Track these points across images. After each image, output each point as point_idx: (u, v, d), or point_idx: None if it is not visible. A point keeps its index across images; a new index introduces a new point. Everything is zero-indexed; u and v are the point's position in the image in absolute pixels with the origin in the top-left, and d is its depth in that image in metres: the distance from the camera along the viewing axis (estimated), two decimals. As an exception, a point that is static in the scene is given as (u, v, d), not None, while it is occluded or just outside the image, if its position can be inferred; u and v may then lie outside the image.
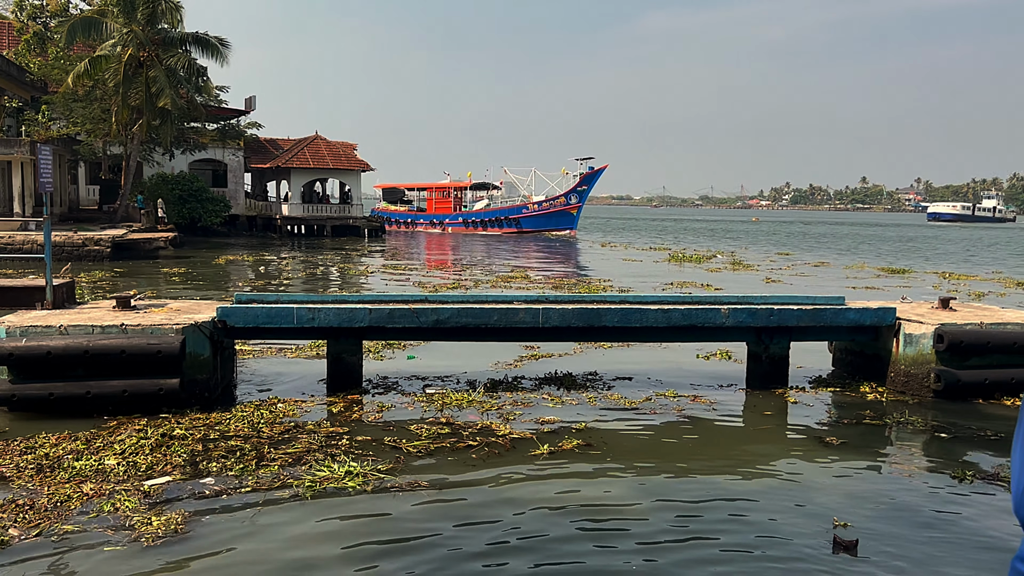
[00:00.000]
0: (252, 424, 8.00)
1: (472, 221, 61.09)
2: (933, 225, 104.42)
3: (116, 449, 7.10)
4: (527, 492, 6.52)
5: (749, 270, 29.65)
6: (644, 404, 9.30)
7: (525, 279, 23.94)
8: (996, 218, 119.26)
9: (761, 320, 9.89)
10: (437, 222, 62.31)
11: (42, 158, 10.24)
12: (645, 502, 6.38)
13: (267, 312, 9.16)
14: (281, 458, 7.06)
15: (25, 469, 6.61)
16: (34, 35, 41.80)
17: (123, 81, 35.21)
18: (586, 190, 57.01)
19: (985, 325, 9.72)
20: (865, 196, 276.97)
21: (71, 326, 8.27)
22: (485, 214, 61.06)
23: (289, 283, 23.16)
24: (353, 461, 6.94)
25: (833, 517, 6.08)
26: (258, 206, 51.58)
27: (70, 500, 6.01)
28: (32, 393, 8.07)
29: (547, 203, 58.10)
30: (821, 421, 8.93)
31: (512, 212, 59.91)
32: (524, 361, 11.54)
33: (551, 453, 7.38)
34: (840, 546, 5.53)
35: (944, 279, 27.20)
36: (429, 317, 9.32)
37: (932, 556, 5.54)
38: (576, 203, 56.78)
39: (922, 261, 37.20)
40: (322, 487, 6.41)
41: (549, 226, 57.48)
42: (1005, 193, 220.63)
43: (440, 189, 64.62)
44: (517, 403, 9.16)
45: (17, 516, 5.73)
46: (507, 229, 58.58)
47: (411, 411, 8.77)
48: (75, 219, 36.23)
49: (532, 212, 58.51)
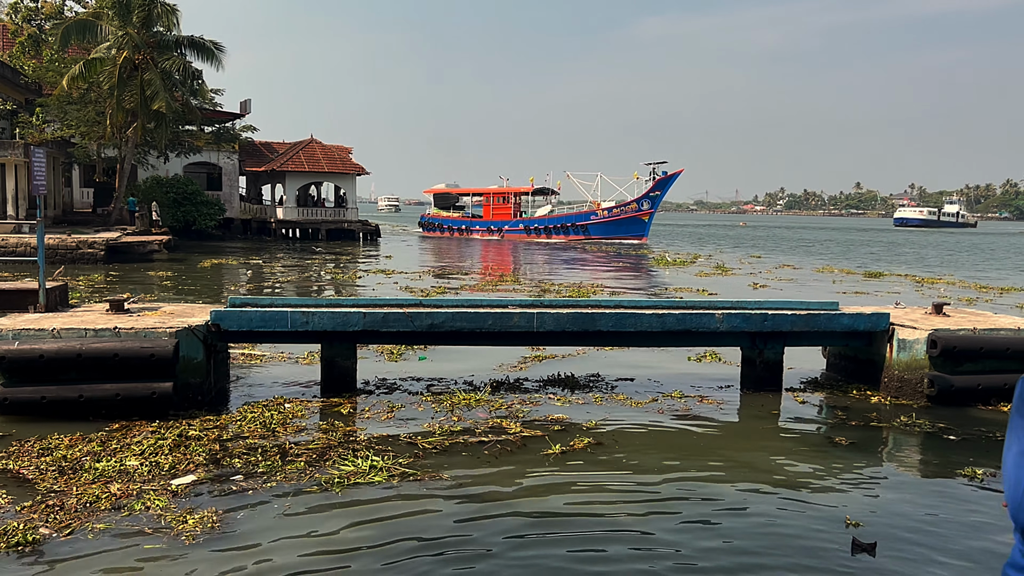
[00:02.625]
0: (265, 424, 8.08)
1: (535, 228, 57.71)
2: (900, 230, 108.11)
3: (135, 450, 7.13)
4: (546, 487, 6.69)
5: (727, 274, 30.27)
6: (651, 404, 9.44)
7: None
8: (959, 223, 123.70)
9: (755, 325, 9.91)
10: (495, 229, 59.00)
11: (36, 161, 10.21)
12: (660, 501, 6.48)
13: (261, 316, 9.15)
14: (305, 454, 7.20)
15: (47, 471, 6.63)
16: (28, 37, 41.74)
17: (118, 84, 35.15)
18: (659, 196, 54.68)
19: (978, 331, 9.75)
20: (859, 202, 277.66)
21: (64, 329, 8.24)
22: (549, 220, 57.78)
23: (283, 287, 23.11)
24: (375, 456, 7.11)
25: (846, 516, 6.14)
26: (253, 209, 51.51)
27: (99, 500, 6.03)
28: (24, 396, 8.03)
29: (617, 209, 55.16)
30: (824, 424, 9.01)
31: (579, 219, 56.71)
32: (528, 363, 11.65)
33: (563, 452, 7.52)
34: (859, 548, 5.54)
35: (917, 283, 27.79)
36: (424, 321, 9.32)
37: (947, 557, 5.55)
38: (648, 209, 54.35)
39: (886, 264, 38.75)
40: (350, 481, 6.59)
41: (619, 233, 54.50)
42: (999, 199, 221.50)
43: (499, 195, 60.81)
44: (524, 403, 9.30)
45: (48, 516, 5.75)
46: (573, 237, 55.64)
47: (421, 411, 8.90)
48: (69, 222, 36.14)
49: (601, 219, 55.36)
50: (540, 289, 22.53)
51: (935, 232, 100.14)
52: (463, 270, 29.92)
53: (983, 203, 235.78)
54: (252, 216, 50.73)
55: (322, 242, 47.73)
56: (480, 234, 59.75)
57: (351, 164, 52.00)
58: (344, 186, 52.94)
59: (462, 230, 61.61)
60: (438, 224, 63.66)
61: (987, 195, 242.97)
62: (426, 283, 23.78)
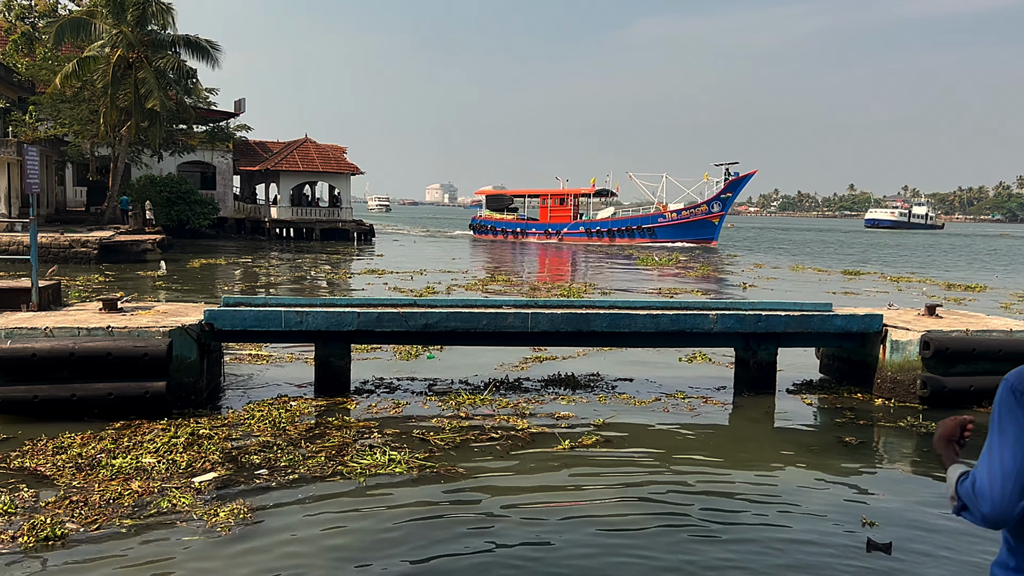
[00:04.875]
0: (274, 423, 8.12)
1: (596, 231, 55.26)
2: (870, 231, 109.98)
3: (149, 448, 7.16)
4: (558, 481, 6.86)
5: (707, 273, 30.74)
6: (654, 404, 9.58)
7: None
8: (927, 224, 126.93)
9: (749, 326, 9.92)
10: (553, 232, 56.50)
11: (29, 159, 10.19)
12: (673, 499, 6.58)
13: (255, 315, 9.13)
14: (324, 450, 7.31)
15: (64, 468, 6.65)
16: (22, 35, 41.47)
17: (112, 82, 35.01)
18: (731, 197, 52.90)
19: (971, 332, 9.78)
20: (853, 203, 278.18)
21: (57, 328, 8.21)
22: (612, 223, 55.49)
23: (277, 287, 23.06)
24: (392, 451, 7.25)
25: (862, 516, 6.19)
26: (247, 209, 51.41)
27: (121, 497, 6.09)
28: (16, 395, 8.00)
29: (687, 211, 53.31)
30: (822, 425, 9.10)
31: (645, 221, 54.53)
32: (529, 363, 11.74)
33: (572, 448, 7.66)
34: (874, 547, 5.56)
35: (887, 281, 28.53)
36: (418, 321, 9.31)
37: (964, 557, 5.58)
38: (719, 211, 52.65)
39: (851, 263, 39.58)
40: (371, 473, 6.77)
41: (688, 236, 52.42)
42: (992, 201, 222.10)
43: (557, 196, 58.16)
44: (529, 401, 9.44)
45: (73, 512, 5.80)
46: (639, 240, 53.40)
47: (426, 409, 9.03)
48: (62, 221, 35.96)
49: (669, 221, 53.33)
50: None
51: (904, 233, 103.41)
52: (521, 277, 27.91)
53: (976, 205, 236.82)
54: (246, 215, 50.62)
55: (316, 241, 47.65)
56: (537, 237, 56.97)
57: (345, 164, 51.92)
58: (338, 186, 52.87)
59: (516, 233, 58.75)
60: (491, 227, 60.81)
61: (980, 197, 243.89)
62: (451, 280, 23.76)
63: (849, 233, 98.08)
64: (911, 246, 63.77)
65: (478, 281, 24.76)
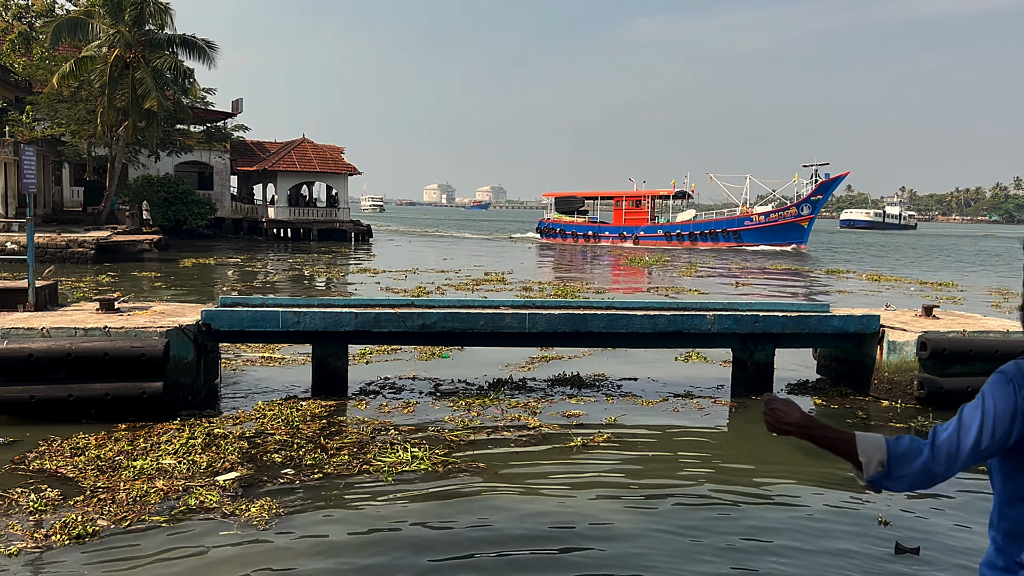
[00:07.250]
0: (287, 422, 8.14)
1: (677, 234, 52.90)
2: (846, 231, 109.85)
3: (167, 449, 7.16)
4: (575, 477, 6.92)
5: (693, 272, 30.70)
6: (662, 404, 9.64)
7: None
8: (901, 224, 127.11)
9: (746, 327, 9.93)
10: (628, 235, 53.95)
11: (26, 159, 10.17)
12: (688, 497, 6.64)
13: (252, 315, 9.12)
14: (346, 448, 7.36)
15: (86, 469, 6.66)
16: (19, 35, 41.42)
17: (109, 82, 34.96)
18: (821, 199, 51.16)
19: (967, 333, 9.80)
20: (850, 203, 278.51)
21: (53, 328, 8.20)
22: (693, 226, 53.25)
23: (274, 287, 23.03)
24: (413, 448, 7.32)
25: (878, 516, 6.21)
26: (244, 209, 51.34)
27: (148, 495, 6.12)
28: (13, 396, 7.98)
29: (775, 214, 51.35)
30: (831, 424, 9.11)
31: (730, 224, 52.55)
32: (536, 363, 11.80)
33: (584, 445, 7.75)
34: (902, 550, 5.56)
35: (872, 280, 28.80)
36: (415, 322, 9.30)
37: (970, 557, 5.58)
38: (809, 214, 50.85)
39: (826, 263, 39.81)
40: (396, 470, 6.85)
41: (776, 240, 50.38)
42: (989, 203, 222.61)
43: (632, 198, 55.64)
44: (539, 400, 9.51)
45: (102, 510, 5.84)
46: (723, 243, 51.57)
47: (436, 408, 9.07)
48: (59, 221, 35.91)
49: (756, 224, 51.54)
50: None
51: (877, 233, 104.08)
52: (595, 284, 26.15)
53: (973, 206, 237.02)
54: (243, 216, 50.54)
55: (313, 242, 47.59)
56: (610, 241, 54.48)
57: (343, 164, 51.84)
58: (336, 186, 52.77)
59: (588, 236, 56.19)
60: (559, 230, 58.41)
61: (977, 198, 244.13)
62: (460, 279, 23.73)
63: (821, 233, 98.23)
64: (881, 245, 63.92)
65: (532, 282, 24.55)
